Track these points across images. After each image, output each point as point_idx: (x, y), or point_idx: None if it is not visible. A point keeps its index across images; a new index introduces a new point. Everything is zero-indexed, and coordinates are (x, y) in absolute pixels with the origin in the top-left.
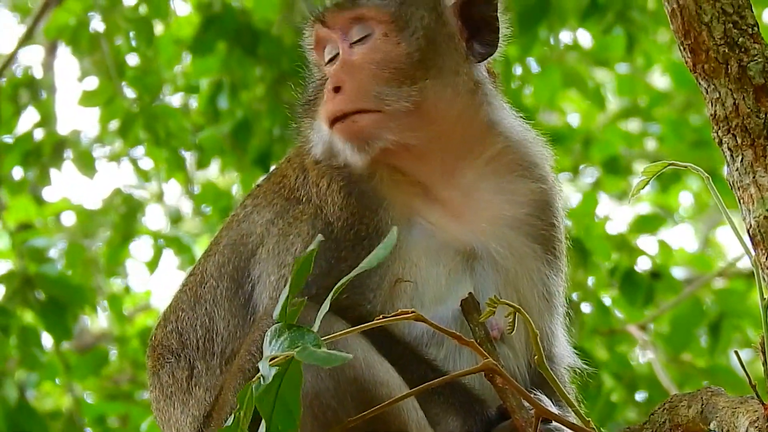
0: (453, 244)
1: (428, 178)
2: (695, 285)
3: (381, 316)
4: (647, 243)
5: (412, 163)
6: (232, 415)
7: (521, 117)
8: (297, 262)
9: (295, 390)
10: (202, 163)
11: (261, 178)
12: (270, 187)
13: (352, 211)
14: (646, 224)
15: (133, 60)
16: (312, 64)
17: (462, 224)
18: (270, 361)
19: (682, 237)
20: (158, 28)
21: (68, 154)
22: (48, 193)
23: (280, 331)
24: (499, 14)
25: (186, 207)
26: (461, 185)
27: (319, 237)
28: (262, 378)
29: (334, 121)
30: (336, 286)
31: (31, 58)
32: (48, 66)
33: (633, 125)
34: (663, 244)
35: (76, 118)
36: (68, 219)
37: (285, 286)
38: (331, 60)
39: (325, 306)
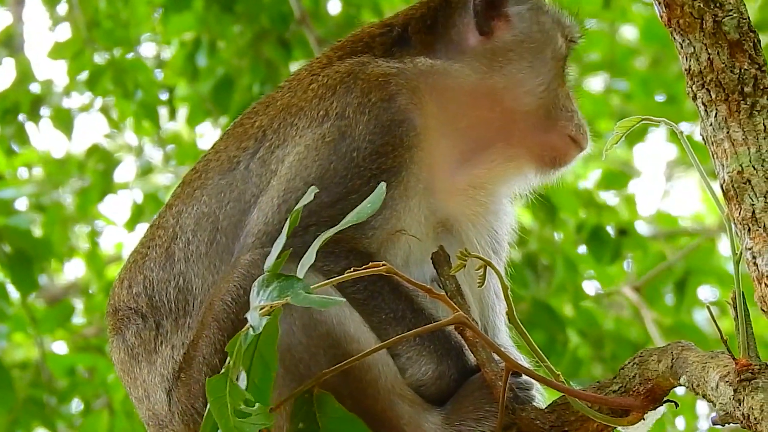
0: (440, 213)
1: (460, 155)
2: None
3: (352, 269)
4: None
5: (468, 140)
6: (225, 366)
7: None
8: (292, 213)
9: (271, 345)
10: (190, 121)
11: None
12: (282, 115)
13: (389, 140)
14: (613, 180)
15: (106, 14)
16: (552, 56)
17: (453, 204)
18: (260, 310)
19: (644, 191)
20: None
21: (45, 111)
22: (21, 148)
23: (268, 280)
24: None
25: (156, 157)
26: (471, 173)
27: (313, 188)
28: (251, 328)
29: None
30: (320, 239)
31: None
32: (17, 17)
33: (598, 83)
34: (629, 200)
35: (46, 68)
36: (39, 171)
37: (285, 212)
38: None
39: (310, 255)
